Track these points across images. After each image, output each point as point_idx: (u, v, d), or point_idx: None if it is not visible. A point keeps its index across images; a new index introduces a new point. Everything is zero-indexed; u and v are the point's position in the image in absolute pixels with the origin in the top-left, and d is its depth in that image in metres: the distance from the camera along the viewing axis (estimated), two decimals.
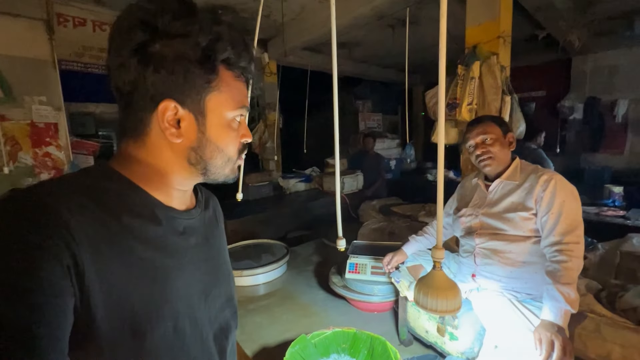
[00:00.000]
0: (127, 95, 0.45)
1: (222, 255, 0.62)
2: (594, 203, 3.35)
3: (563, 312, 0.96)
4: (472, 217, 1.28)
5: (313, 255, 2.38)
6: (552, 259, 1.05)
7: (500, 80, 2.02)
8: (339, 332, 1.16)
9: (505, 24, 2.10)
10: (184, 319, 0.48)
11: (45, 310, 0.34)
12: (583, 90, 4.66)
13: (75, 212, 0.38)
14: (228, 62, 0.47)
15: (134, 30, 0.42)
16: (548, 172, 1.17)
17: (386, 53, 4.76)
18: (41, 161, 3.00)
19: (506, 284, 1.17)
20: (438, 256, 0.69)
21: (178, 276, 0.48)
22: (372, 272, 1.54)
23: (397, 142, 5.47)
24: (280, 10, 3.08)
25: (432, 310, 0.67)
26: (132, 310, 0.42)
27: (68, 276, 0.36)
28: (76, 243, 0.37)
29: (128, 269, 0.42)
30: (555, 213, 1.08)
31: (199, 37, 0.43)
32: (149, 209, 0.47)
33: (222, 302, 0.58)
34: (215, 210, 0.65)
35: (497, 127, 1.26)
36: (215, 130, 0.48)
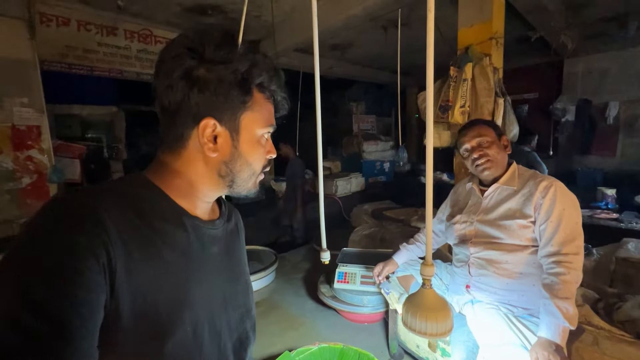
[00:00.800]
0: (172, 113, 0.49)
1: (242, 266, 0.65)
2: (586, 206, 3.34)
3: (561, 329, 0.90)
4: (466, 224, 1.22)
5: (303, 261, 2.32)
6: (549, 270, 1.00)
7: (493, 82, 1.98)
8: (325, 348, 1.10)
9: (498, 25, 2.07)
10: (204, 325, 0.50)
11: (81, 302, 0.36)
12: (575, 93, 4.67)
13: (112, 214, 0.42)
14: (261, 85, 0.52)
15: (182, 56, 0.47)
16: (548, 179, 1.12)
17: (379, 55, 4.73)
18: (23, 165, 2.89)
19: (502, 297, 1.11)
20: (427, 273, 0.63)
21: (200, 283, 0.51)
22: (362, 281, 1.48)
23: (391, 144, 5.44)
24: (271, 10, 3.02)
25: (421, 333, 0.61)
26: (155, 312, 0.44)
27: (103, 273, 0.39)
28: (111, 243, 0.40)
29: (155, 271, 0.45)
30: (554, 221, 1.02)
31: (239, 64, 0.49)
32: (177, 217, 0.50)
33: (242, 312, 0.60)
34: (237, 223, 0.67)
35: (491, 129, 1.22)
36: (246, 145, 0.52)
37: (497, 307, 1.10)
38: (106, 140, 4.57)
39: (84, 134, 4.25)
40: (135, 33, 3.39)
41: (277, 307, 1.73)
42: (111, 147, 4.50)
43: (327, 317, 1.61)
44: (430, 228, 0.62)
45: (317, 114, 0.86)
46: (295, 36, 3.53)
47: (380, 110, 6.35)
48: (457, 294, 1.24)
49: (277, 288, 1.96)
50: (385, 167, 5.19)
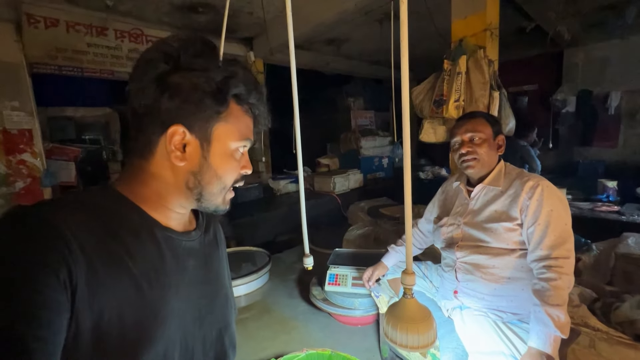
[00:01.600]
0: (141, 117, 0.48)
1: (221, 280, 0.62)
2: (587, 198, 3.29)
3: (552, 338, 0.86)
4: (453, 227, 1.18)
5: (298, 262, 2.29)
6: (540, 276, 0.95)
7: (488, 74, 1.93)
8: (313, 355, 1.07)
9: (492, 16, 2.01)
10: (175, 345, 0.48)
11: (40, 324, 0.34)
12: (575, 83, 4.59)
13: (75, 229, 0.40)
14: (239, 97, 0.51)
15: (158, 61, 0.47)
16: (534, 178, 1.06)
17: (376, 49, 4.66)
18: (15, 169, 2.88)
19: (490, 303, 1.07)
20: (408, 282, 0.60)
21: (173, 299, 0.49)
22: (354, 283, 1.44)
23: (389, 140, 5.38)
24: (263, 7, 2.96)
25: (402, 346, 0.58)
26: (121, 331, 0.41)
27: (64, 291, 0.37)
28: (72, 258, 0.38)
29: (122, 288, 0.42)
30: (542, 224, 0.98)
31: (215, 73, 0.48)
32: (147, 229, 0.49)
33: (220, 329, 0.58)
34: (216, 234, 0.65)
35: (488, 126, 1.15)
36: (217, 157, 0.51)
37: (486, 313, 1.06)
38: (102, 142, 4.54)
39: (79, 136, 4.22)
40: (126, 33, 3.34)
41: (269, 310, 1.70)
42: (107, 148, 4.47)
43: (320, 319, 1.58)
44: (409, 235, 0.58)
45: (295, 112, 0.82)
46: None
47: (378, 105, 6.27)
48: (446, 299, 1.20)
49: (270, 290, 1.93)
50: (383, 162, 5.13)
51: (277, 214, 3.35)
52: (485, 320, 1.04)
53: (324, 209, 3.66)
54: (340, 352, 1.06)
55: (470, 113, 1.25)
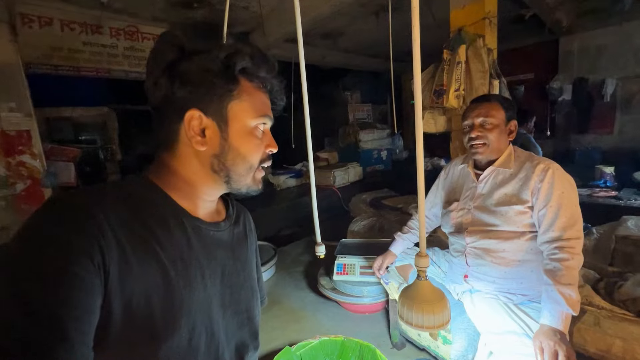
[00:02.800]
0: (160, 110, 0.50)
1: (248, 271, 0.63)
2: (585, 185, 3.33)
3: (564, 315, 0.88)
4: (463, 211, 1.18)
5: (303, 254, 2.31)
6: (551, 256, 0.96)
7: (487, 63, 1.94)
8: (326, 341, 1.09)
9: (491, 4, 2.02)
10: (201, 331, 0.49)
11: (76, 305, 0.36)
12: (571, 71, 4.61)
13: (108, 215, 0.41)
14: (247, 72, 0.51)
15: (164, 51, 0.48)
16: (544, 161, 1.07)
17: (372, 42, 4.65)
18: (15, 171, 2.86)
19: (500, 285, 1.09)
20: (422, 264, 0.61)
21: (199, 287, 0.50)
22: (361, 272, 1.47)
23: (388, 132, 5.39)
24: (260, 1, 2.94)
25: (418, 326, 0.60)
26: (149, 315, 0.43)
27: (98, 274, 0.39)
28: (106, 243, 0.40)
29: (151, 274, 0.44)
30: (554, 206, 0.99)
31: (219, 52, 0.48)
32: (177, 218, 0.49)
33: (242, 319, 0.58)
34: (245, 226, 0.65)
35: (502, 111, 1.13)
36: (237, 136, 0.51)
37: (497, 296, 1.08)
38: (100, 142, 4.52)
39: (77, 136, 4.20)
40: (121, 30, 3.31)
41: (278, 302, 1.72)
42: (105, 148, 4.45)
43: (329, 309, 1.61)
44: (423, 219, 0.60)
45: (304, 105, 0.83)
46: (285, 26, 3.45)
47: (376, 98, 6.27)
48: (456, 283, 1.22)
49: (277, 282, 1.95)
50: (382, 155, 5.15)
51: (278, 209, 3.37)
52: (496, 302, 1.06)
53: (324, 202, 3.69)
54: (352, 338, 1.09)
55: (485, 96, 1.23)
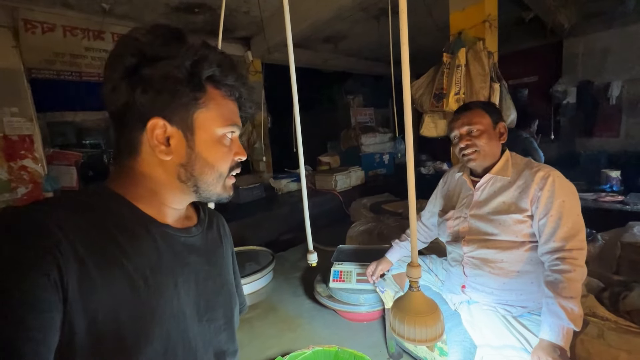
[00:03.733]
0: (119, 117, 0.48)
1: (224, 276, 0.61)
2: (591, 189, 3.27)
3: (565, 330, 0.84)
4: (459, 220, 1.15)
5: (301, 260, 2.29)
6: (552, 268, 0.93)
7: (487, 66, 1.92)
8: (319, 352, 1.06)
9: (491, 7, 1.99)
10: (176, 341, 0.47)
11: (31, 326, 0.34)
12: (575, 74, 4.56)
13: (66, 230, 0.39)
14: (214, 80, 0.49)
15: (124, 56, 0.45)
16: (544, 168, 1.04)
17: (374, 46, 4.65)
18: (17, 175, 2.88)
19: (499, 297, 1.05)
20: (414, 275, 0.59)
21: (171, 296, 0.48)
22: (358, 279, 1.43)
23: (390, 136, 5.37)
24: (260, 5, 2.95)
25: (409, 340, 0.57)
26: (117, 331, 0.41)
27: (55, 291, 0.36)
28: (63, 258, 0.38)
29: (117, 287, 0.42)
30: (555, 215, 0.95)
31: (184, 58, 0.46)
32: (143, 227, 0.48)
33: (219, 325, 0.57)
34: (219, 230, 0.64)
35: (486, 116, 1.12)
36: (204, 146, 0.49)
37: (495, 308, 1.05)
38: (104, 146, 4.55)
39: (79, 140, 4.23)
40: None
41: (275, 309, 1.70)
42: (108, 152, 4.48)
43: (325, 317, 1.58)
44: (414, 229, 0.57)
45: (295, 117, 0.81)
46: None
47: (378, 102, 6.26)
48: (453, 293, 1.18)
49: (275, 288, 1.93)
50: (384, 159, 5.12)
51: (279, 213, 3.35)
52: (495, 315, 1.02)
53: (326, 206, 3.66)
54: (346, 348, 1.06)
55: (465, 105, 1.21)
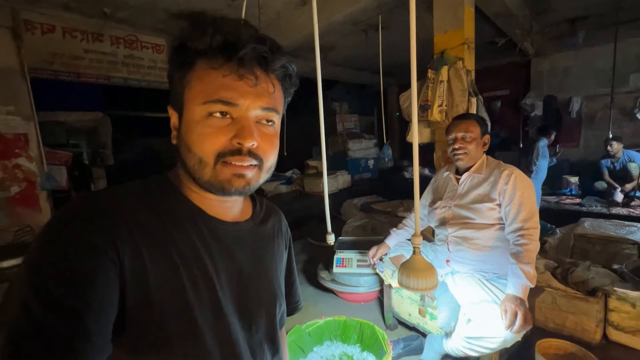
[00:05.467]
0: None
1: (272, 274, 0.59)
2: (553, 193, 3.66)
3: (524, 287, 1.11)
4: (445, 208, 1.42)
5: (299, 254, 2.47)
6: (515, 242, 1.20)
7: (466, 83, 2.20)
8: (330, 321, 1.26)
9: (469, 32, 2.29)
10: (216, 334, 0.47)
11: (94, 298, 0.37)
12: (542, 89, 5.04)
13: (123, 214, 0.43)
14: (200, 52, 0.44)
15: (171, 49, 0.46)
16: (509, 168, 1.33)
17: (360, 56, 4.92)
18: (11, 173, 2.87)
19: (475, 267, 1.32)
20: (417, 242, 0.80)
21: (214, 289, 0.47)
22: (358, 265, 1.66)
23: (374, 142, 5.64)
24: (257, 17, 3.13)
25: (414, 288, 0.78)
26: (161, 319, 0.42)
27: (114, 269, 0.40)
28: (121, 241, 0.41)
29: (163, 276, 0.43)
30: (516, 204, 1.23)
31: (175, 40, 0.45)
32: (190, 219, 0.48)
33: (262, 322, 0.55)
34: (275, 227, 0.62)
35: (478, 127, 1.40)
36: (186, 127, 0.46)
37: (472, 274, 1.32)
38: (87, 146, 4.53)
39: (68, 140, 4.21)
40: (121, 39, 3.41)
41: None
42: (96, 152, 4.46)
43: (327, 300, 1.77)
44: (418, 206, 0.79)
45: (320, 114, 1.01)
46: (281, 41, 3.58)
47: (362, 109, 6.54)
48: (439, 268, 1.43)
49: None
50: (369, 164, 5.38)
51: None
52: (472, 279, 1.29)
53: (315, 208, 3.85)
54: (353, 317, 1.26)
55: (465, 115, 1.52)
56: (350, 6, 2.74)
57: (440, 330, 1.29)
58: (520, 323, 1.03)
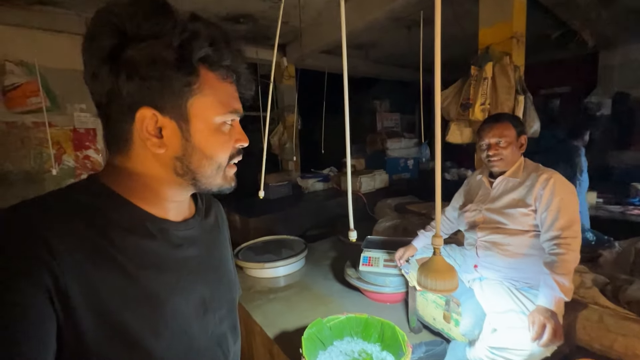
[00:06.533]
0: (105, 107, 0.43)
1: (225, 263, 0.60)
2: (619, 202, 3.26)
3: (557, 299, 1.02)
4: (476, 212, 1.35)
5: (330, 251, 2.50)
6: (550, 251, 1.11)
7: (513, 80, 2.05)
8: (352, 318, 1.27)
9: (519, 25, 2.12)
10: (181, 335, 0.46)
11: (26, 340, 0.33)
12: (611, 85, 4.49)
13: (58, 230, 0.37)
14: (208, 61, 0.44)
15: (101, 36, 0.39)
16: (548, 172, 1.23)
17: (402, 53, 4.79)
18: (82, 163, 3.28)
19: (505, 274, 1.24)
20: (437, 243, 0.78)
21: (174, 291, 0.46)
22: (385, 264, 1.64)
23: (415, 142, 5.47)
24: (298, 16, 3.21)
25: (432, 289, 0.77)
26: (124, 330, 0.40)
27: (50, 302, 0.35)
28: (59, 267, 0.36)
29: (118, 289, 0.40)
30: (553, 210, 1.14)
31: (172, 37, 0.40)
32: (140, 224, 0.45)
33: (223, 314, 0.55)
34: (217, 217, 0.62)
35: (513, 129, 1.30)
36: (201, 136, 0.45)
37: (501, 282, 1.24)
38: None
39: None
40: None
41: (308, 288, 1.93)
42: None
43: (352, 297, 1.79)
44: (439, 208, 0.77)
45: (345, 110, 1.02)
46: (321, 39, 3.70)
47: (403, 107, 6.37)
48: (467, 273, 1.38)
49: (307, 272, 2.16)
50: (409, 164, 5.23)
51: (305, 210, 3.58)
52: (501, 287, 1.21)
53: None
54: (375, 316, 1.26)
55: (496, 116, 1.40)
56: (390, 2, 2.69)
57: (463, 337, 1.24)
58: (548, 337, 0.96)
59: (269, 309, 1.71)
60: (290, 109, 4.52)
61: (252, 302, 1.80)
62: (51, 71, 2.94)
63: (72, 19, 3.04)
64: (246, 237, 2.57)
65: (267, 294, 1.90)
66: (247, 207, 3.20)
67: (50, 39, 2.92)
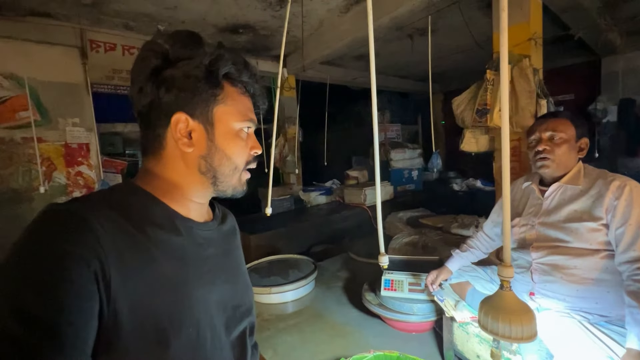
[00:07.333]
0: (145, 116, 0.52)
1: (241, 267, 0.66)
2: None
3: None
4: (526, 227, 1.16)
5: (341, 270, 2.31)
6: (634, 277, 0.91)
7: (534, 83, 1.93)
8: (380, 356, 1.08)
9: (536, 26, 2.03)
10: (205, 326, 0.51)
11: (72, 311, 0.37)
12: (616, 92, 4.43)
13: (103, 223, 0.43)
14: (230, 77, 0.54)
15: (148, 59, 0.50)
16: (620, 178, 1.04)
17: (404, 63, 4.74)
18: (74, 180, 3.12)
19: (572, 304, 1.04)
20: (506, 274, 0.62)
21: (197, 284, 0.52)
22: (410, 289, 1.44)
23: (419, 152, 5.35)
24: (300, 26, 3.12)
25: (505, 337, 0.59)
26: (155, 317, 0.44)
27: (95, 282, 0.39)
28: (104, 252, 0.41)
29: (151, 277, 0.45)
30: (634, 224, 0.94)
31: (203, 58, 0.51)
32: (169, 221, 0.51)
33: (242, 312, 0.60)
34: (232, 225, 0.68)
35: (572, 127, 1.12)
36: (223, 139, 0.54)
37: (569, 314, 1.03)
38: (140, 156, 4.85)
39: (124, 150, 4.53)
40: None
41: (321, 316, 1.72)
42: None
43: (374, 325, 1.58)
44: (508, 228, 0.61)
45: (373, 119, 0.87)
46: (323, 49, 3.61)
47: (405, 118, 6.30)
48: None
49: (317, 296, 1.96)
50: (413, 175, 5.10)
51: (309, 226, 3.39)
52: (570, 321, 1.01)
53: (354, 220, 3.67)
54: (408, 355, 1.07)
55: (553, 112, 1.21)
56: (398, 8, 2.60)
57: None
58: None
59: (279, 342, 1.51)
60: (292, 121, 4.41)
61: (260, 334, 1.60)
62: (43, 84, 2.83)
63: (66, 30, 2.95)
64: (248, 256, 2.36)
65: (276, 322, 1.70)
66: (248, 223, 3.03)
67: (42, 51, 2.81)
